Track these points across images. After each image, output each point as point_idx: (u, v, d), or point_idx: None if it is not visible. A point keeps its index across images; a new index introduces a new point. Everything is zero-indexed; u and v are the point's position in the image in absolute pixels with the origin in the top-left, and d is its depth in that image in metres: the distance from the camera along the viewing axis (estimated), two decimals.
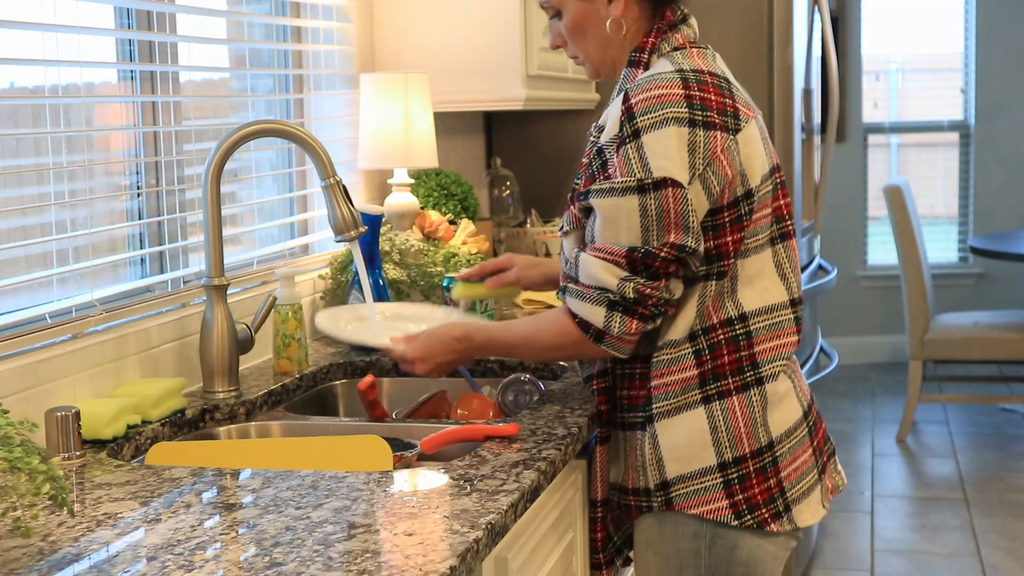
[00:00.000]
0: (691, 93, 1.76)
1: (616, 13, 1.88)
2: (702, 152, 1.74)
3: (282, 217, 2.83)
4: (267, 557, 1.33)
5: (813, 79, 3.93)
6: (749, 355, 1.83)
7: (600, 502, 1.93)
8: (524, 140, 3.86)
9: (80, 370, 1.94)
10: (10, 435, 1.36)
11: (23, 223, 2.02)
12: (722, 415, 1.81)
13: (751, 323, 1.83)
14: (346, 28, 3.03)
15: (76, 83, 2.12)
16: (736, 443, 1.81)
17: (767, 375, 1.84)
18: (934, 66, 7.47)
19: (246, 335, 2.20)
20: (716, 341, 1.82)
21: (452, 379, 2.40)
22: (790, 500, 1.85)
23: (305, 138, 2.09)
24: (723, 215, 1.78)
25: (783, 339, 1.87)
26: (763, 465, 1.82)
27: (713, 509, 1.82)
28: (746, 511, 1.82)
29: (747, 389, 1.82)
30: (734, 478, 1.82)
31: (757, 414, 1.82)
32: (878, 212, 7.12)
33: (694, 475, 1.82)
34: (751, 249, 1.83)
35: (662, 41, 1.86)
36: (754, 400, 1.82)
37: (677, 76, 1.78)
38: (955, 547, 4.31)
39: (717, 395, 1.81)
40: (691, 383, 1.82)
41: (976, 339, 5.47)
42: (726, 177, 1.76)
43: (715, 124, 1.75)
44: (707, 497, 1.82)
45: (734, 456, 1.81)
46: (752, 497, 1.82)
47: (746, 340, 1.82)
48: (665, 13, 1.89)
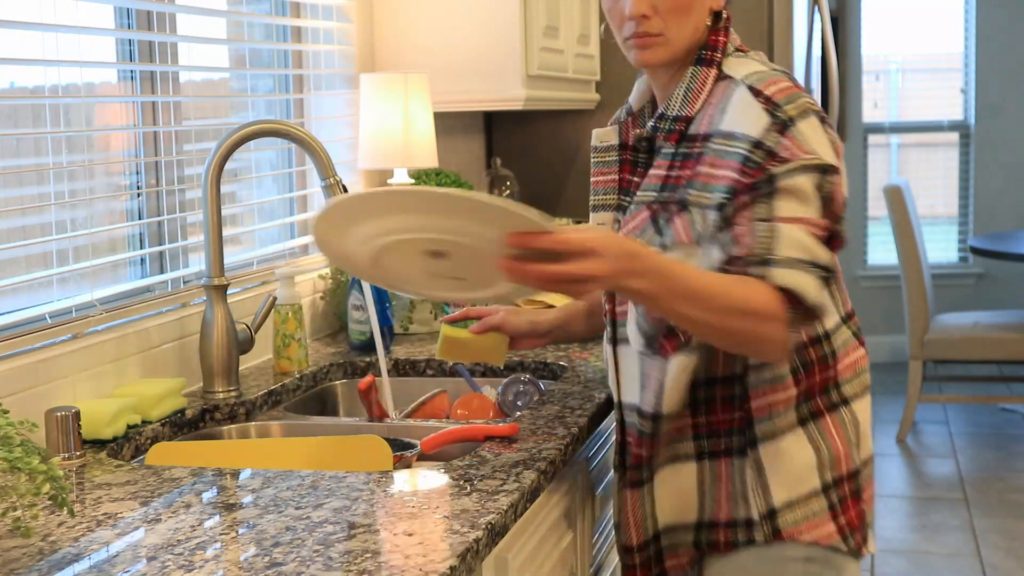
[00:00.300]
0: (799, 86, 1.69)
1: (718, 3, 1.76)
2: (833, 142, 1.66)
3: (282, 217, 2.83)
4: (267, 557, 1.33)
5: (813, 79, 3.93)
6: (835, 373, 1.75)
7: (637, 548, 1.82)
8: (524, 140, 3.86)
9: (80, 370, 1.94)
10: (10, 435, 1.36)
11: (23, 223, 2.02)
12: (821, 437, 1.74)
13: (834, 339, 1.76)
14: (346, 28, 3.03)
15: (76, 83, 2.12)
16: (835, 464, 1.74)
17: (852, 394, 1.78)
18: (934, 66, 7.47)
19: (246, 335, 2.20)
20: (809, 360, 1.73)
21: (452, 379, 2.40)
22: (869, 524, 1.80)
23: (305, 138, 2.09)
24: None
25: (853, 355, 1.79)
26: (856, 488, 1.77)
27: (825, 534, 1.73)
28: (849, 535, 1.76)
29: (836, 409, 1.76)
30: (835, 500, 1.74)
31: (851, 435, 1.76)
32: (878, 212, 7.12)
33: (801, 499, 1.73)
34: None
35: (729, 42, 1.77)
36: (846, 420, 1.76)
37: (779, 75, 1.69)
38: (955, 547, 4.31)
39: (811, 415, 1.73)
40: (791, 403, 1.72)
41: (976, 339, 5.47)
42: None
43: (823, 116, 1.67)
44: (816, 521, 1.73)
45: (834, 477, 1.74)
46: (851, 521, 1.76)
47: (832, 358, 1.75)
48: (727, 14, 1.79)
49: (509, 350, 2.05)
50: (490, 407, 2.18)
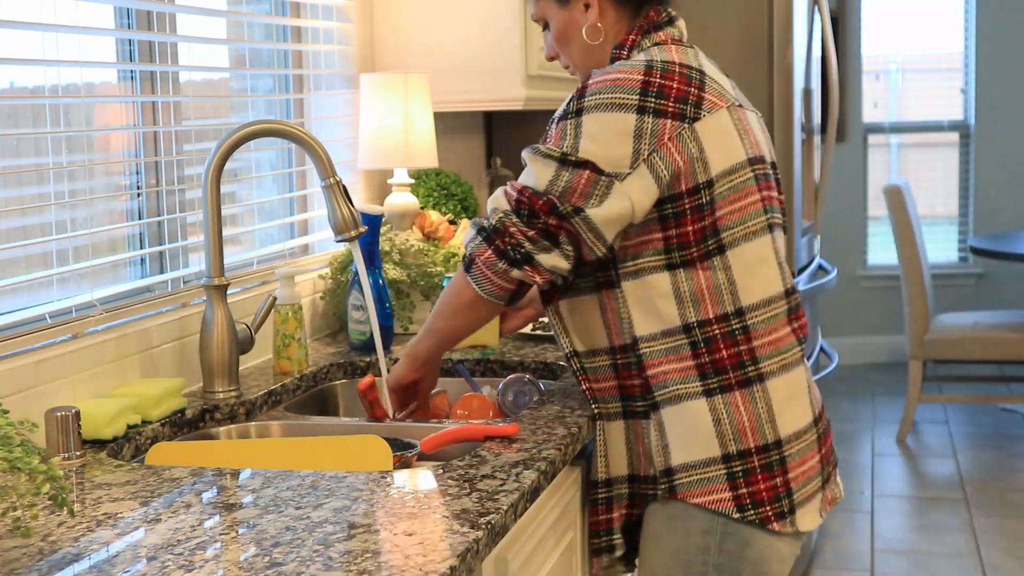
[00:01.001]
0: (650, 80, 1.79)
1: (592, 19, 1.93)
2: (648, 138, 1.76)
3: (282, 217, 2.83)
4: (267, 557, 1.33)
5: (813, 79, 3.93)
6: (748, 349, 1.82)
7: (602, 483, 1.93)
8: (524, 140, 3.84)
9: (80, 370, 1.94)
10: (10, 435, 1.36)
11: (23, 223, 2.03)
12: (725, 408, 1.81)
13: (748, 318, 1.83)
14: (346, 28, 3.03)
15: (76, 83, 2.12)
16: (740, 436, 1.81)
17: (768, 371, 1.84)
18: (934, 66, 7.48)
19: (246, 335, 2.20)
20: (712, 335, 1.82)
21: (452, 379, 2.40)
22: (795, 502, 1.84)
23: (305, 138, 2.09)
24: (683, 202, 1.79)
25: (779, 332, 1.86)
26: (769, 462, 1.82)
27: (716, 500, 1.82)
28: (750, 506, 1.82)
29: (750, 384, 1.82)
30: (738, 471, 1.82)
31: (762, 409, 1.82)
32: (878, 212, 7.12)
33: (698, 464, 1.82)
34: (740, 237, 1.83)
35: (643, 38, 1.90)
36: (757, 395, 1.82)
37: (643, 64, 1.81)
38: (955, 547, 4.31)
39: (719, 389, 1.82)
40: (690, 373, 1.82)
41: (976, 339, 5.47)
42: (675, 164, 1.77)
43: (667, 112, 1.77)
44: (711, 487, 1.82)
45: (738, 449, 1.81)
46: (757, 492, 1.82)
47: (743, 335, 1.82)
48: (648, 13, 1.92)
49: (504, 333, 2.19)
50: (490, 407, 2.18)
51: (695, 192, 1.79)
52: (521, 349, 2.49)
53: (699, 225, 1.80)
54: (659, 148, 1.77)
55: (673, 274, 1.82)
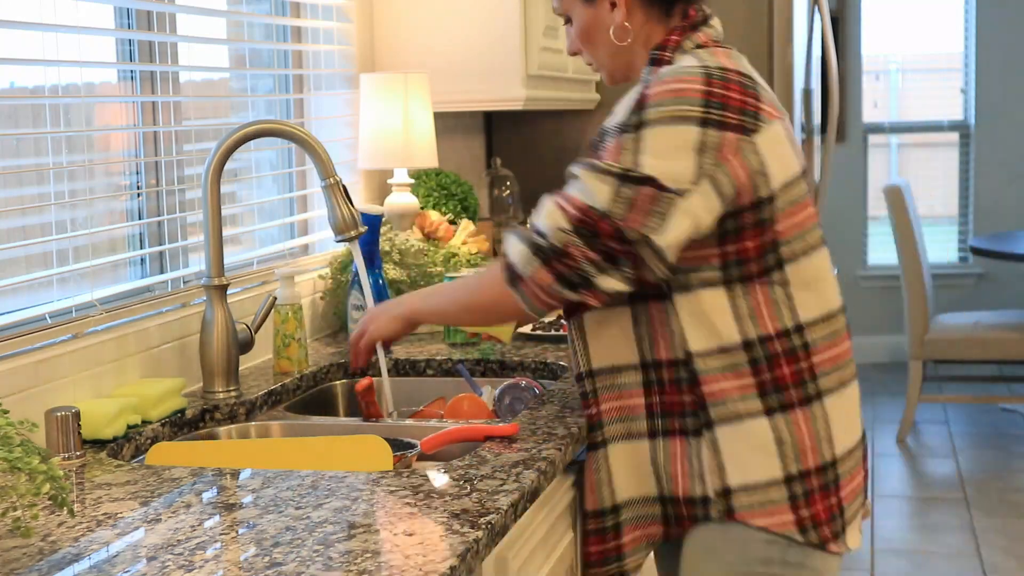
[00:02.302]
0: (712, 91, 1.71)
1: (619, 20, 1.85)
2: (712, 153, 1.68)
3: (282, 217, 2.83)
4: (267, 557, 1.33)
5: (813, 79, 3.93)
6: (809, 367, 1.77)
7: (592, 514, 1.85)
8: (524, 140, 3.86)
9: (80, 370, 1.94)
10: (10, 435, 1.36)
11: (23, 223, 2.03)
12: (787, 427, 1.76)
13: (807, 334, 1.77)
14: (346, 28, 3.03)
15: (76, 83, 2.12)
16: (801, 456, 1.76)
17: (827, 388, 1.79)
18: (934, 66, 7.48)
19: (246, 335, 2.20)
20: (773, 352, 1.75)
21: (452, 379, 2.40)
22: (846, 521, 1.81)
23: (305, 138, 2.09)
24: (744, 217, 1.72)
25: (838, 348, 1.82)
26: (826, 482, 1.77)
27: (779, 522, 1.75)
28: (811, 528, 1.77)
29: (810, 402, 1.77)
30: (799, 492, 1.76)
31: (821, 428, 1.77)
32: (878, 212, 7.12)
33: (759, 485, 1.75)
34: (800, 253, 1.77)
35: (686, 39, 1.82)
36: (817, 414, 1.77)
37: (701, 71, 1.73)
38: (955, 547, 4.31)
39: (780, 408, 1.76)
40: (749, 391, 1.75)
41: (976, 339, 5.47)
42: (738, 178, 1.69)
43: (729, 124, 1.70)
44: (773, 509, 1.75)
45: (799, 470, 1.76)
46: (816, 514, 1.77)
47: (804, 351, 1.77)
48: (688, 12, 1.85)
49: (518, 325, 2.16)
50: (482, 408, 2.18)
51: (757, 207, 1.72)
52: (521, 349, 2.49)
53: (759, 241, 1.74)
54: (722, 163, 1.69)
55: (730, 289, 1.75)
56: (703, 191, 1.68)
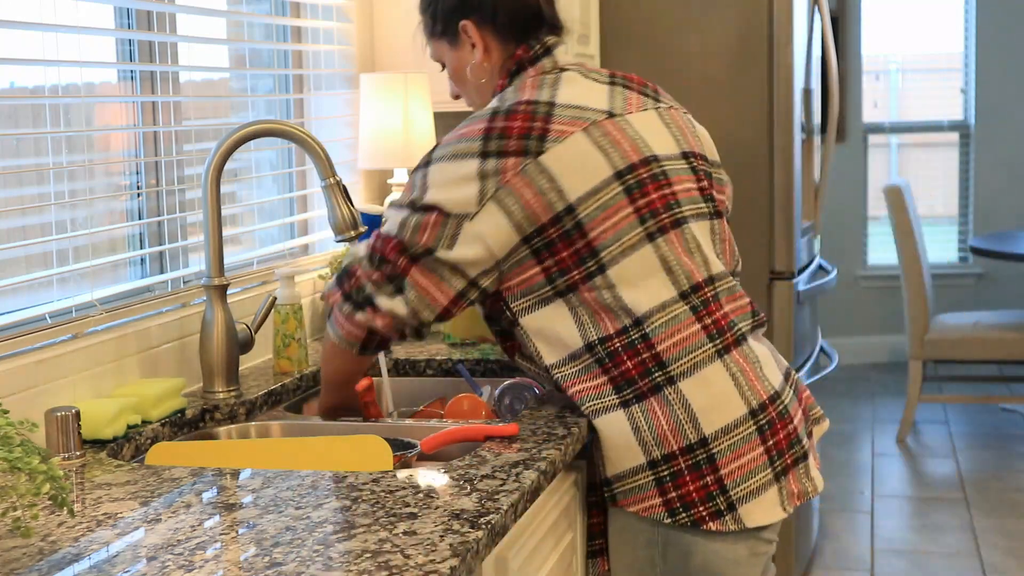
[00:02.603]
0: (493, 126, 1.85)
1: (479, 58, 2.01)
2: (492, 177, 1.82)
3: (282, 217, 2.83)
4: (267, 557, 1.33)
5: (813, 79, 3.93)
6: (652, 356, 1.84)
7: (593, 486, 1.96)
8: None
9: (80, 370, 1.94)
10: (10, 435, 1.36)
11: (23, 223, 2.03)
12: (642, 416, 1.83)
13: (645, 326, 1.84)
14: (346, 28, 3.03)
15: (76, 83, 2.12)
16: (662, 441, 1.83)
17: (678, 372, 1.84)
18: (934, 66, 7.47)
19: (246, 335, 2.20)
20: (613, 349, 1.85)
21: (452, 379, 2.40)
22: (734, 499, 1.83)
23: (305, 138, 2.09)
24: (548, 232, 1.83)
25: (683, 332, 1.85)
26: (696, 462, 1.83)
27: (647, 507, 1.85)
28: (680, 509, 1.83)
29: (660, 390, 1.84)
30: (665, 475, 1.83)
31: (679, 411, 1.83)
32: (878, 212, 7.12)
33: (627, 473, 1.86)
34: (618, 254, 1.84)
35: (510, 81, 1.97)
36: (671, 398, 1.83)
37: (488, 113, 1.89)
38: (955, 547, 4.31)
39: (634, 398, 1.84)
40: (604, 388, 1.86)
41: (976, 339, 5.47)
42: (523, 197, 1.81)
43: (508, 151, 1.82)
44: (641, 495, 1.85)
45: (662, 454, 1.83)
46: (687, 495, 1.83)
47: (643, 343, 1.84)
48: (515, 53, 1.99)
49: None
50: (482, 408, 2.18)
51: (557, 221, 1.83)
52: None
53: (572, 250, 1.84)
54: (504, 185, 1.82)
55: (566, 300, 1.86)
56: (489, 211, 1.82)
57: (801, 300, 3.70)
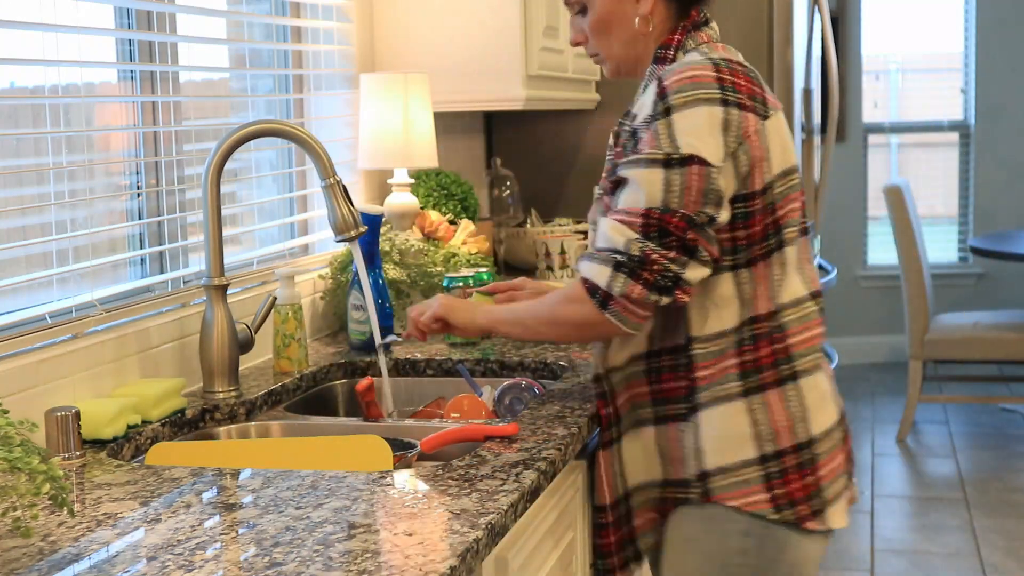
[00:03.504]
0: (723, 77, 1.77)
1: (645, 10, 1.89)
2: (735, 131, 1.75)
3: (282, 217, 2.83)
4: (267, 557, 1.33)
5: (813, 79, 3.93)
6: (784, 348, 1.82)
7: (610, 507, 1.92)
8: (524, 140, 3.86)
9: (80, 370, 1.94)
10: (10, 435, 1.36)
11: (23, 223, 2.03)
12: (762, 408, 1.81)
13: (783, 316, 1.83)
14: (346, 28, 3.03)
15: (76, 83, 2.12)
16: (776, 437, 1.81)
17: (802, 370, 1.83)
18: (934, 66, 7.48)
19: (246, 335, 2.20)
20: (758, 333, 1.81)
21: (452, 379, 2.40)
22: (826, 500, 1.84)
23: (305, 138, 2.09)
24: (755, 201, 1.78)
25: (812, 331, 1.86)
26: (802, 461, 1.82)
27: (753, 501, 1.81)
28: (785, 506, 1.81)
29: (783, 383, 1.82)
30: (774, 472, 1.81)
31: (795, 409, 1.82)
32: (878, 212, 7.12)
33: (734, 466, 1.81)
34: (787, 241, 1.83)
35: (688, 38, 1.88)
36: (791, 394, 1.82)
37: (708, 62, 1.80)
38: (955, 547, 4.31)
39: (757, 388, 1.81)
40: (730, 372, 1.81)
41: (976, 339, 5.47)
42: (755, 158, 1.76)
43: (747, 106, 1.77)
44: (747, 490, 1.81)
45: (775, 450, 1.81)
46: (791, 492, 1.81)
47: (779, 333, 1.82)
48: (691, 12, 1.91)
49: None
50: (482, 408, 2.18)
51: (764, 192, 1.79)
52: (521, 349, 2.49)
53: (764, 224, 1.80)
54: (744, 141, 1.75)
55: (736, 274, 1.81)
56: (727, 170, 1.75)
57: None
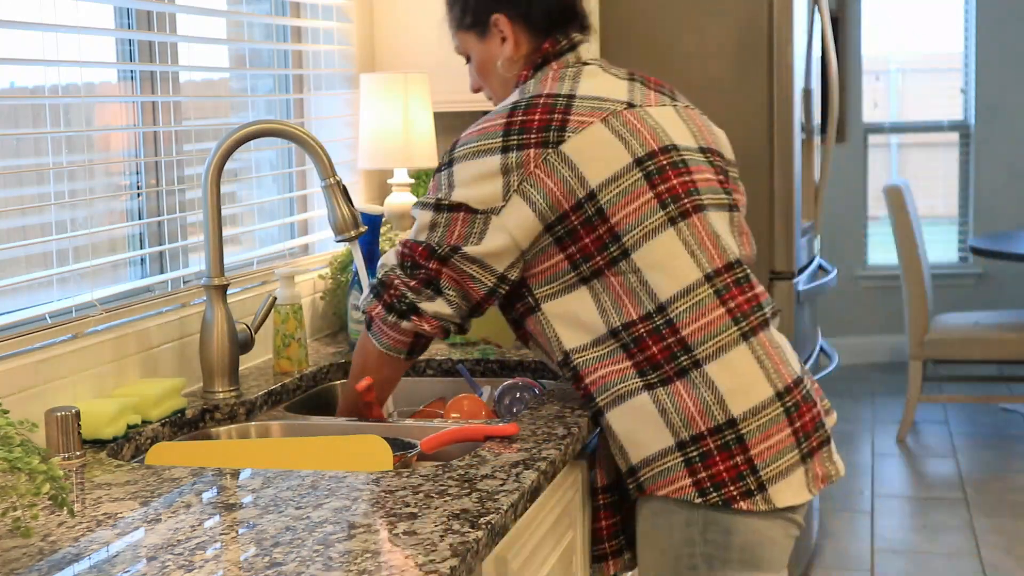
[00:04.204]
0: (512, 120, 1.88)
1: (508, 52, 2.01)
2: (516, 171, 1.84)
3: (282, 217, 2.83)
4: (267, 557, 1.33)
5: (813, 79, 3.93)
6: (677, 341, 1.85)
7: (602, 489, 1.96)
8: None
9: (80, 370, 1.94)
10: (10, 435, 1.36)
11: (23, 223, 2.03)
12: (668, 398, 1.84)
13: (670, 311, 1.85)
14: (346, 28, 3.03)
15: (76, 83, 2.12)
16: (689, 422, 1.83)
17: (704, 356, 1.84)
18: (934, 66, 7.47)
19: (246, 335, 2.20)
20: (638, 335, 1.85)
21: (452, 379, 2.40)
22: (764, 479, 1.84)
23: (305, 138, 2.09)
24: (570, 220, 1.85)
25: (708, 316, 1.86)
26: (725, 442, 1.83)
27: (677, 488, 1.84)
28: (711, 488, 1.83)
29: (686, 373, 1.84)
30: (695, 456, 1.83)
31: (706, 393, 1.83)
32: (878, 212, 7.12)
33: (655, 457, 1.85)
34: (640, 238, 1.85)
35: (533, 74, 1.99)
36: (697, 381, 1.84)
37: (508, 107, 1.91)
38: (955, 547, 4.31)
39: (659, 382, 1.84)
40: (628, 372, 1.86)
41: (976, 339, 5.47)
42: (546, 187, 1.83)
43: (529, 144, 1.85)
44: (671, 478, 1.84)
45: (691, 435, 1.83)
46: (717, 474, 1.83)
47: (668, 328, 1.85)
48: (543, 47, 2.00)
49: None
50: (481, 408, 2.18)
51: (578, 208, 1.85)
52: (521, 349, 2.49)
53: (594, 235, 1.85)
54: (528, 176, 1.84)
55: (590, 287, 1.87)
56: (514, 204, 1.84)
57: (801, 300, 3.70)
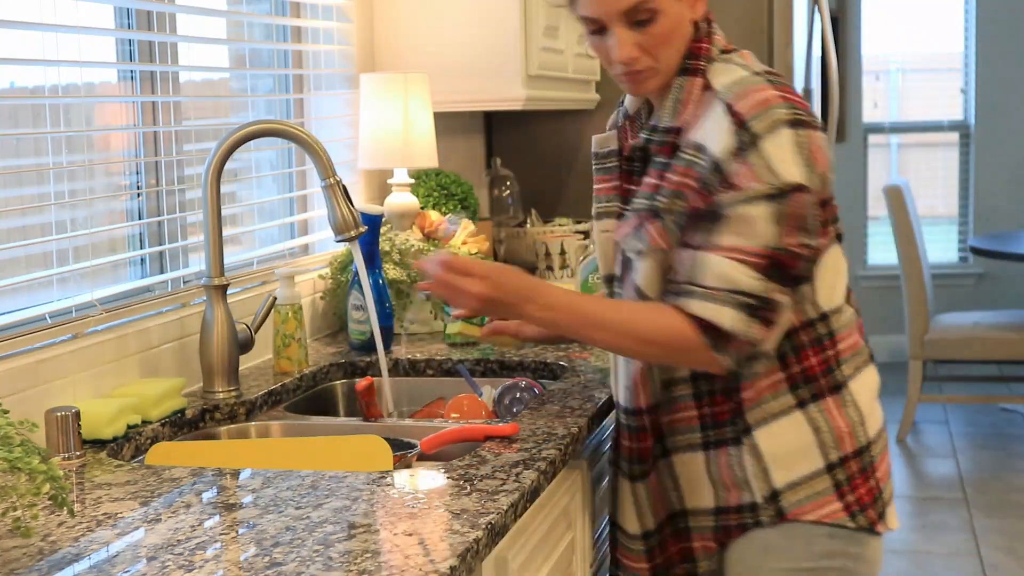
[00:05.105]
0: (783, 95, 1.70)
1: (700, 13, 1.79)
2: (807, 151, 1.67)
3: (282, 217, 2.83)
4: (267, 557, 1.33)
5: (813, 79, 3.93)
6: (835, 354, 1.79)
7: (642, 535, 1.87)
8: (524, 140, 3.86)
9: (80, 370, 1.94)
10: (10, 435, 1.36)
11: (23, 223, 2.02)
12: (822, 416, 1.77)
13: (832, 321, 1.80)
14: (346, 28, 3.03)
15: (76, 83, 2.12)
16: (838, 444, 1.77)
17: (850, 374, 1.81)
18: (934, 66, 7.48)
19: (246, 335, 2.20)
20: (799, 343, 1.77)
21: (452, 379, 2.40)
22: (886, 501, 1.83)
23: (305, 138, 2.09)
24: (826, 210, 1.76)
25: (855, 336, 1.84)
26: (863, 465, 1.80)
27: (829, 512, 1.77)
28: (858, 512, 1.78)
29: (839, 389, 1.79)
30: (842, 479, 1.78)
31: (853, 412, 1.79)
32: (878, 212, 7.12)
33: (803, 479, 1.77)
34: (828, 242, 1.80)
35: (712, 46, 1.79)
36: (847, 399, 1.79)
37: (761, 80, 1.72)
38: (955, 547, 4.31)
39: (812, 398, 1.77)
40: (780, 387, 1.77)
41: (976, 339, 5.47)
42: (824, 174, 1.70)
43: (810, 122, 1.70)
44: (820, 501, 1.77)
45: (839, 457, 1.77)
46: (860, 498, 1.79)
47: (830, 340, 1.79)
48: (707, 12, 1.81)
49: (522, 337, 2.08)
50: (481, 408, 2.18)
51: (825, 204, 1.75)
52: (521, 349, 2.48)
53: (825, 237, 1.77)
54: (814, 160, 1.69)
55: None
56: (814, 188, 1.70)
57: None
